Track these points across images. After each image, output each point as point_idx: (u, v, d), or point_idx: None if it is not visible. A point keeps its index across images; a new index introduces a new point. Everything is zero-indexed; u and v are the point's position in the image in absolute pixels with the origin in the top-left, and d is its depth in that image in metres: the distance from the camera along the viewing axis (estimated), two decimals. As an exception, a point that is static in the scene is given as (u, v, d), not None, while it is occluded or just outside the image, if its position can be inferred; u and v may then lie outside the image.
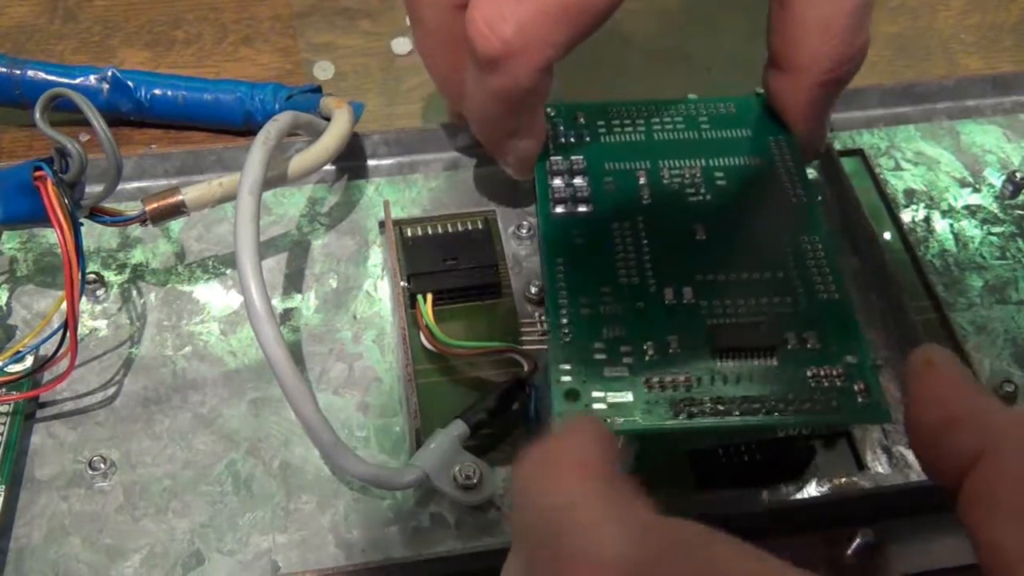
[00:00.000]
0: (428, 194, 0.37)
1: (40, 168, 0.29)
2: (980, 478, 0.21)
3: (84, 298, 0.33)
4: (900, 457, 0.30)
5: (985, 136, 0.39)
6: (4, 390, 0.30)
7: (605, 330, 0.28)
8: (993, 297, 0.34)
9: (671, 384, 0.27)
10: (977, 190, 0.37)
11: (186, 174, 0.37)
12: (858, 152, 0.38)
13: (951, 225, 0.36)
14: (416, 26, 0.33)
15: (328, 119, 0.36)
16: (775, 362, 0.27)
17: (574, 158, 0.33)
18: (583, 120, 0.35)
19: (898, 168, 0.38)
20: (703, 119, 0.34)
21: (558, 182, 0.33)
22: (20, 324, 0.33)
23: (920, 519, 0.28)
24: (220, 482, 0.30)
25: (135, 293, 0.34)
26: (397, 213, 0.36)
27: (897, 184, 0.37)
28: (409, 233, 0.34)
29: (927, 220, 0.36)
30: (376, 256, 0.35)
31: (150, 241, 0.36)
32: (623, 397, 0.26)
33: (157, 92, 0.40)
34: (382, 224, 0.36)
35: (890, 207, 0.36)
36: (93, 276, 0.34)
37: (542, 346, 0.31)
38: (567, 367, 0.27)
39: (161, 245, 0.35)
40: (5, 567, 0.28)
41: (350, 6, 0.47)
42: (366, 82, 0.43)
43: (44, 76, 0.39)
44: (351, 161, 0.38)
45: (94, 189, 0.31)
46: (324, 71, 0.44)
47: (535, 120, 0.32)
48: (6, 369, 0.31)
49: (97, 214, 0.31)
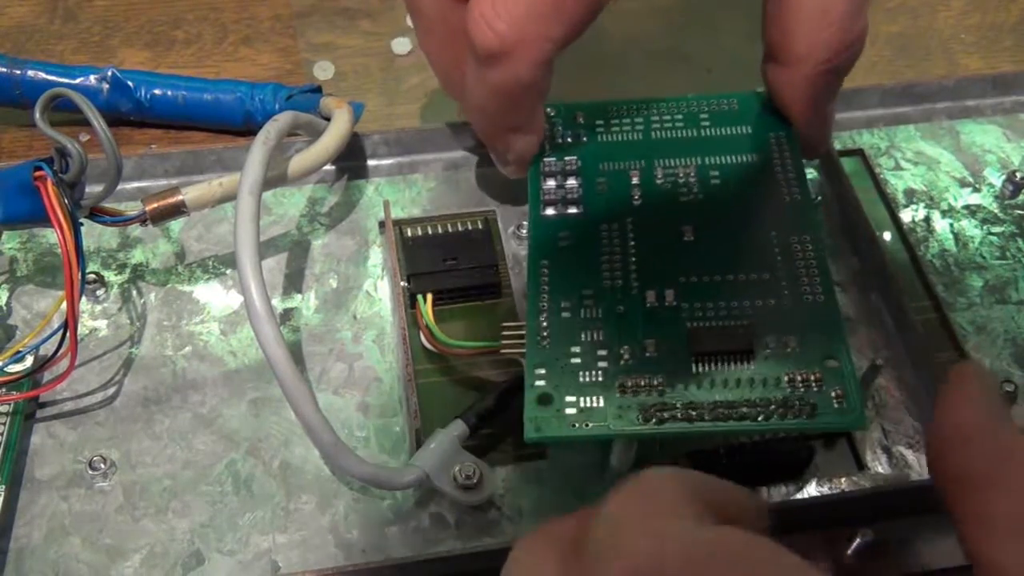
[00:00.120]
0: (428, 194, 0.37)
1: (40, 168, 0.29)
2: (984, 499, 0.21)
3: (84, 298, 0.33)
4: (900, 457, 0.30)
5: (985, 136, 0.39)
6: (4, 390, 0.30)
7: (583, 335, 0.28)
8: (993, 297, 0.34)
9: (645, 389, 0.26)
10: (977, 190, 0.37)
11: (186, 174, 0.37)
12: (858, 152, 0.38)
13: (951, 225, 0.36)
14: (416, 20, 0.33)
15: (328, 119, 0.36)
16: (752, 366, 0.27)
17: (568, 159, 0.33)
18: (582, 120, 0.35)
19: (898, 168, 0.38)
20: (704, 116, 0.34)
21: (550, 184, 0.33)
22: (20, 324, 0.33)
23: (920, 519, 0.28)
24: (220, 482, 0.30)
25: (135, 293, 0.34)
26: (397, 213, 0.36)
27: (897, 184, 0.37)
28: (409, 233, 0.34)
29: (927, 220, 0.36)
30: (376, 256, 0.35)
31: (150, 241, 0.36)
32: (595, 402, 0.26)
33: (157, 92, 0.40)
34: (382, 224, 0.36)
35: (890, 207, 0.36)
36: (93, 276, 0.34)
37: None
38: (542, 371, 0.27)
39: (161, 245, 0.35)
40: (5, 567, 0.28)
41: (350, 6, 0.47)
42: (366, 82, 0.43)
43: (44, 76, 0.39)
44: (351, 161, 0.38)
45: (94, 189, 0.31)
46: (324, 71, 0.44)
47: (535, 117, 0.32)
48: (6, 369, 0.31)
49: (97, 214, 0.31)
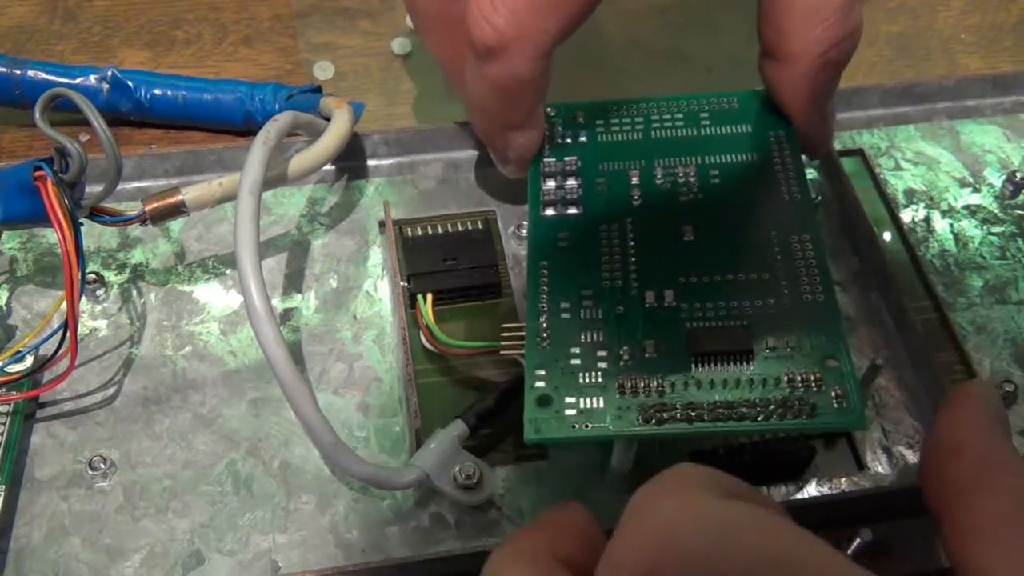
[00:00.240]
0: (428, 194, 0.37)
1: (40, 168, 0.29)
2: (970, 505, 0.22)
3: (84, 298, 0.33)
4: (900, 457, 0.30)
5: (985, 136, 0.39)
6: (4, 390, 0.30)
7: (583, 335, 0.28)
8: (993, 297, 0.34)
9: (644, 390, 0.26)
10: (977, 190, 0.37)
11: (186, 174, 0.37)
12: (858, 152, 0.38)
13: (951, 225, 0.36)
14: (415, 18, 0.33)
15: (328, 119, 0.36)
16: (752, 366, 0.27)
17: (568, 159, 0.33)
18: (582, 120, 0.34)
19: (898, 168, 0.38)
20: (704, 115, 0.34)
21: (550, 184, 0.32)
22: (20, 324, 0.33)
23: (920, 519, 0.28)
24: (220, 482, 0.30)
25: (135, 293, 0.34)
26: (397, 213, 0.36)
27: (897, 184, 0.37)
28: (409, 233, 0.34)
29: (927, 220, 0.36)
30: (376, 256, 0.35)
31: (150, 241, 0.36)
32: (595, 403, 0.26)
33: (157, 92, 0.40)
34: (382, 224, 0.36)
35: (890, 207, 0.36)
36: (93, 276, 0.34)
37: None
38: (541, 372, 0.27)
39: (161, 245, 0.35)
40: (5, 567, 0.28)
41: (350, 6, 0.47)
42: (366, 82, 0.43)
43: (44, 76, 0.39)
44: (351, 161, 0.38)
45: (94, 189, 0.31)
46: (324, 71, 0.44)
47: (534, 114, 0.32)
48: (6, 369, 0.31)
49: (97, 214, 0.31)
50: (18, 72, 0.39)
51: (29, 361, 0.31)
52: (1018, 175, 0.37)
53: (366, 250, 0.35)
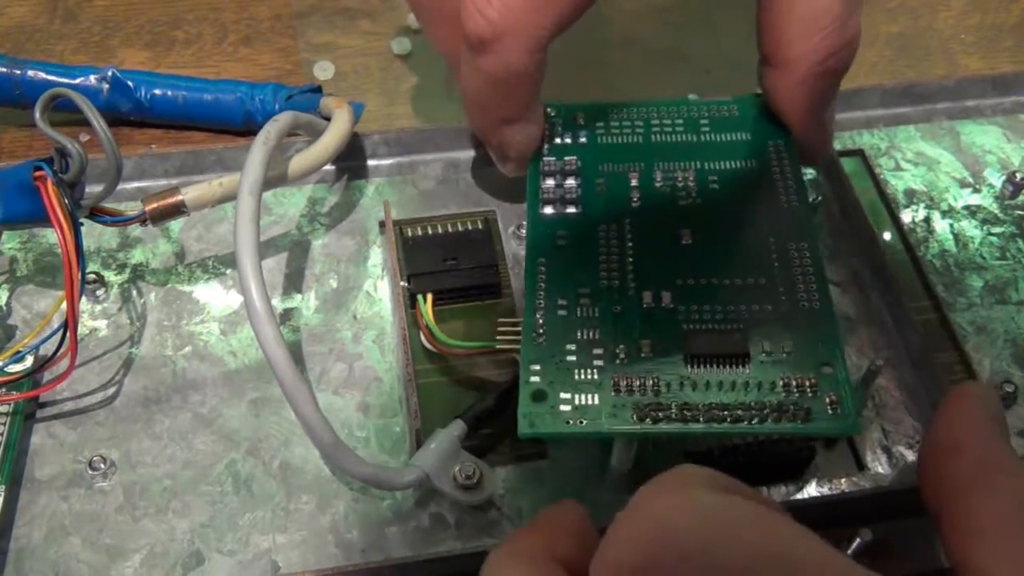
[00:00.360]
0: (428, 194, 0.37)
1: (40, 168, 0.29)
2: (968, 505, 0.22)
3: (84, 298, 0.33)
4: (900, 457, 0.30)
5: (985, 136, 0.39)
6: (4, 390, 0.30)
7: (579, 332, 0.28)
8: (993, 297, 0.34)
9: (640, 388, 0.26)
10: (977, 190, 0.37)
11: (186, 174, 0.37)
12: (858, 152, 0.38)
13: (951, 225, 0.36)
14: (416, 11, 0.33)
15: (328, 119, 0.36)
16: (747, 370, 0.27)
17: (568, 159, 0.33)
18: (582, 121, 0.34)
19: (898, 168, 0.38)
20: (704, 121, 0.34)
21: (549, 183, 0.32)
22: (20, 324, 0.33)
23: (920, 519, 0.28)
24: (220, 482, 0.30)
25: (135, 293, 0.34)
26: (397, 213, 0.36)
27: (897, 184, 0.37)
28: (409, 233, 0.34)
29: (927, 220, 0.36)
30: (376, 256, 0.35)
31: (150, 241, 0.36)
32: (590, 400, 0.26)
33: (157, 92, 0.40)
34: (382, 224, 0.36)
35: (890, 207, 0.36)
36: (93, 276, 0.34)
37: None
38: (537, 367, 0.27)
39: (161, 245, 0.35)
40: (5, 567, 0.28)
41: (350, 6, 0.47)
42: (366, 82, 0.43)
43: (44, 76, 0.39)
44: (351, 161, 0.38)
45: (94, 189, 0.31)
46: (324, 71, 0.44)
47: (529, 110, 0.32)
48: (6, 369, 0.31)
49: (97, 214, 0.31)
50: (18, 72, 0.39)
51: (29, 361, 0.31)
52: (1018, 175, 0.37)
53: (366, 250, 0.35)
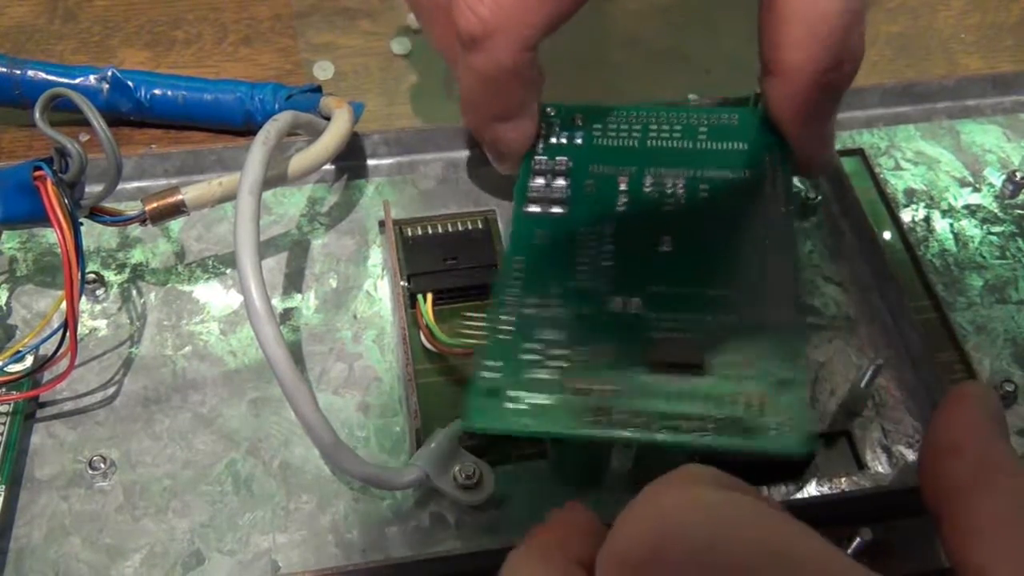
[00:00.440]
0: (428, 194, 0.37)
1: (40, 168, 0.29)
2: (969, 505, 0.22)
3: (84, 298, 0.33)
4: (900, 457, 0.30)
5: (985, 136, 0.39)
6: (4, 390, 0.30)
7: (543, 332, 0.28)
8: (993, 297, 0.34)
9: (594, 392, 0.26)
10: (977, 190, 0.37)
11: (186, 174, 0.37)
12: (858, 152, 0.38)
13: (951, 225, 0.36)
14: (414, 9, 0.33)
15: (328, 119, 0.36)
16: (705, 381, 0.26)
17: (559, 158, 0.33)
18: (580, 122, 0.34)
19: (898, 168, 0.38)
20: (703, 129, 0.34)
21: (539, 181, 0.32)
22: (20, 324, 0.33)
23: (920, 519, 0.28)
24: (220, 482, 0.30)
25: (135, 293, 0.34)
26: (397, 213, 0.36)
27: (897, 184, 0.37)
28: (409, 233, 0.34)
29: (927, 220, 0.36)
30: (376, 256, 0.35)
31: (150, 241, 0.36)
32: (542, 400, 0.26)
33: (157, 92, 0.40)
34: (382, 224, 0.36)
35: (890, 207, 0.36)
36: (93, 276, 0.34)
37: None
38: (494, 363, 0.27)
39: (161, 245, 0.35)
40: (5, 567, 0.28)
41: (350, 6, 0.47)
42: (366, 82, 0.43)
43: (44, 76, 0.39)
44: (351, 161, 0.38)
45: (94, 189, 0.31)
46: (324, 71, 0.44)
47: (522, 108, 0.32)
48: (6, 369, 0.31)
49: (97, 214, 0.31)
50: (18, 72, 0.39)
51: (29, 361, 0.31)
52: (1018, 175, 0.37)
53: (366, 250, 0.35)
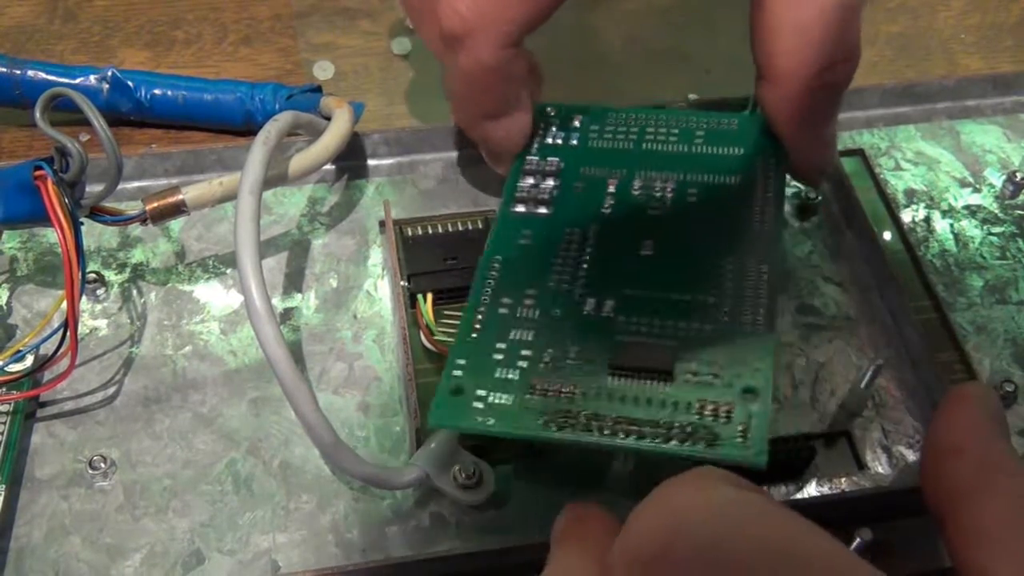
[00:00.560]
0: (428, 194, 0.37)
1: (40, 167, 0.29)
2: (972, 508, 0.22)
3: (84, 297, 0.33)
4: (900, 457, 0.30)
5: (985, 136, 0.39)
6: (4, 389, 0.30)
7: (513, 333, 0.27)
8: (993, 297, 0.34)
9: (555, 394, 0.26)
10: (977, 190, 0.37)
11: (186, 174, 0.37)
12: (858, 152, 0.38)
13: (951, 225, 0.36)
14: (406, 9, 0.33)
15: (328, 119, 0.36)
16: (668, 388, 0.26)
17: (550, 159, 0.33)
18: (577, 123, 0.34)
19: (898, 168, 0.38)
20: (700, 133, 0.33)
21: (528, 181, 0.32)
22: (20, 323, 0.33)
23: (920, 519, 0.28)
24: (220, 481, 0.30)
25: (135, 292, 0.34)
26: (397, 213, 0.36)
27: (897, 184, 0.37)
28: (409, 233, 0.34)
29: (927, 220, 0.36)
30: (376, 256, 0.35)
31: (150, 240, 0.36)
32: (503, 399, 0.26)
33: (157, 92, 0.40)
34: (382, 224, 0.36)
35: (890, 207, 0.36)
36: (93, 275, 0.34)
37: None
38: (462, 362, 0.27)
39: (161, 244, 0.35)
40: (5, 567, 0.28)
41: (350, 6, 0.47)
42: (366, 82, 0.43)
43: (44, 76, 0.39)
44: (351, 161, 0.38)
45: (94, 189, 0.31)
46: (324, 71, 0.44)
47: (510, 106, 0.31)
48: (6, 368, 0.31)
49: (97, 213, 0.31)
50: (18, 72, 0.39)
51: (29, 360, 0.31)
52: (1018, 175, 0.37)
53: (366, 250, 0.35)
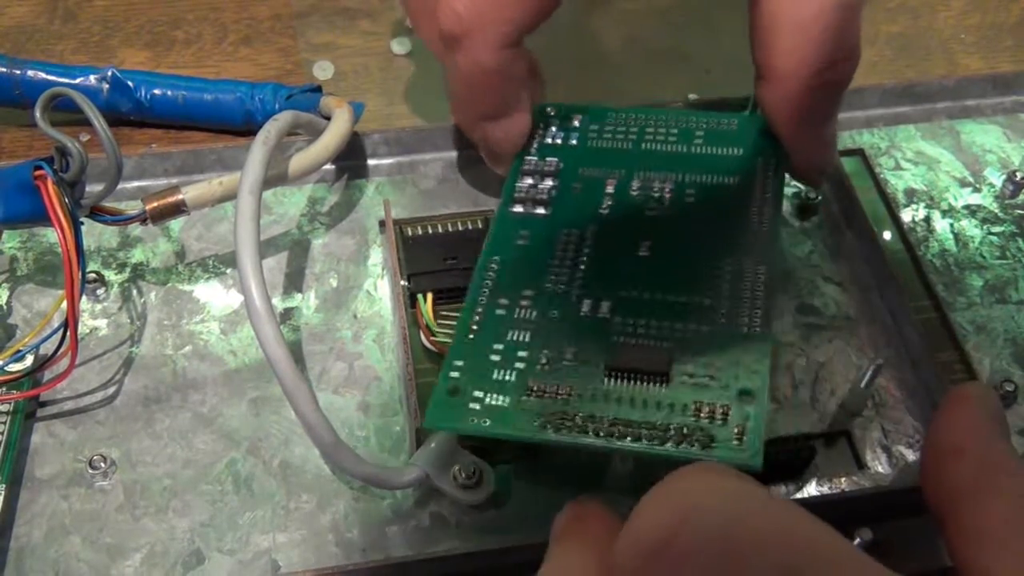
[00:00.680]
0: (428, 194, 0.37)
1: (40, 167, 0.29)
2: (973, 509, 0.22)
3: (84, 297, 0.33)
4: (900, 457, 0.30)
5: (985, 136, 0.39)
6: (4, 389, 0.30)
7: (511, 334, 0.27)
8: (993, 297, 0.34)
9: (551, 395, 0.26)
10: (977, 190, 0.37)
11: (186, 173, 0.37)
12: (858, 152, 0.38)
13: (951, 225, 0.36)
14: (407, 9, 0.33)
15: (328, 119, 0.36)
16: (665, 389, 0.26)
17: (549, 159, 0.33)
18: (577, 123, 0.34)
19: (898, 168, 0.38)
20: (699, 133, 0.33)
21: (527, 182, 0.32)
22: (20, 323, 0.33)
23: (920, 519, 0.28)
24: (220, 481, 0.30)
25: (135, 292, 0.34)
26: (397, 213, 0.36)
27: (897, 184, 0.37)
28: (409, 232, 0.34)
29: (927, 220, 0.36)
30: (376, 255, 0.35)
31: (150, 240, 0.36)
32: (500, 401, 0.26)
33: (157, 92, 0.40)
34: (382, 223, 0.36)
35: (890, 207, 0.36)
36: (93, 275, 0.34)
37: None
38: (459, 363, 0.27)
39: (161, 244, 0.35)
40: (5, 566, 0.28)
41: (350, 6, 0.47)
42: (366, 82, 0.43)
43: (44, 76, 0.39)
44: (351, 161, 0.38)
45: (94, 188, 0.31)
46: (324, 71, 0.44)
47: (509, 107, 0.31)
48: (6, 368, 0.31)
49: (97, 213, 0.31)
50: (18, 72, 0.39)
51: (29, 360, 0.31)
52: (1018, 175, 0.37)
53: (366, 249, 0.35)
